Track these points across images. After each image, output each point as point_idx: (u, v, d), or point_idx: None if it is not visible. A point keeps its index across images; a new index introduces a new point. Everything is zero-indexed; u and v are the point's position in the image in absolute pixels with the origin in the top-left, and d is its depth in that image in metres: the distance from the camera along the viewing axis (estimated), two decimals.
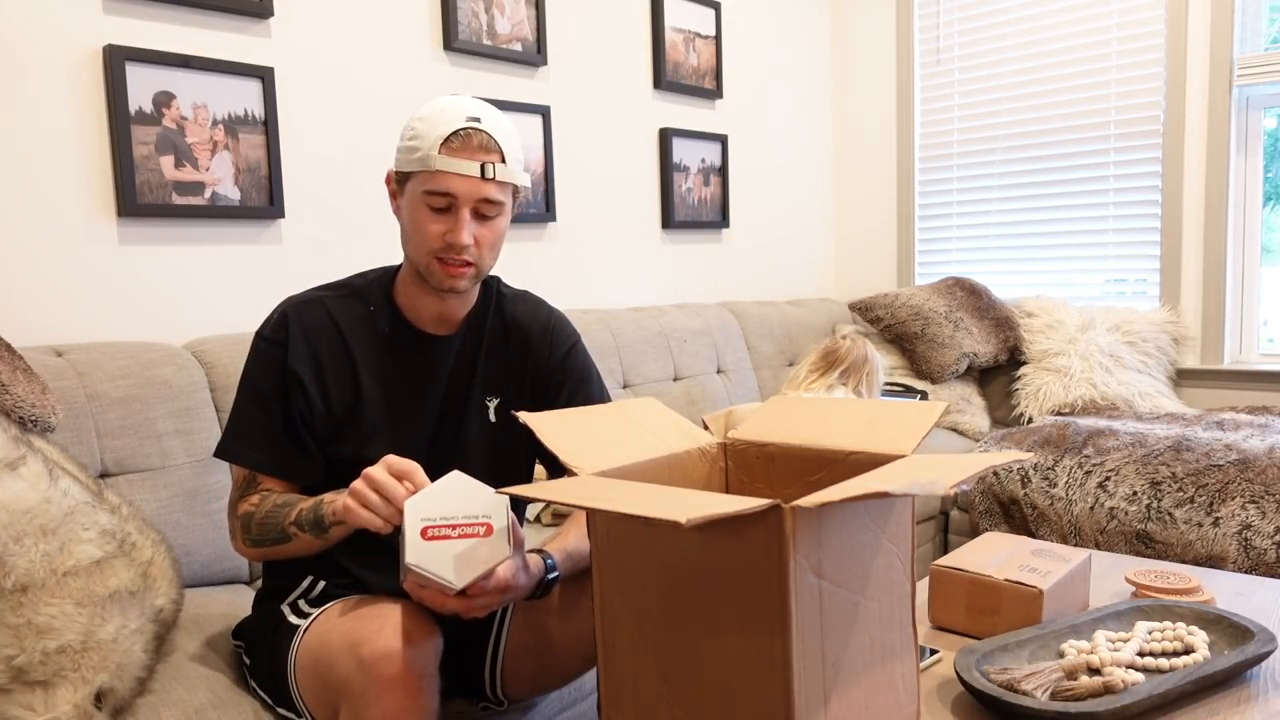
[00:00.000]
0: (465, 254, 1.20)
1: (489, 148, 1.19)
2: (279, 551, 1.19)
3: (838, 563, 0.84)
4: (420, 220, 1.20)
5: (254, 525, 1.20)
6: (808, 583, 0.80)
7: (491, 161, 1.19)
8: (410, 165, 1.19)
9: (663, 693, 0.88)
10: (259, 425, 1.24)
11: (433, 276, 1.22)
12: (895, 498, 0.92)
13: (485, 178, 1.18)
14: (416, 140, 1.18)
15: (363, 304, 1.29)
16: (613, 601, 0.92)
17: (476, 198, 1.19)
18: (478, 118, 1.19)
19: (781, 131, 3.52)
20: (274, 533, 1.18)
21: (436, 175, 1.17)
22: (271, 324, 1.27)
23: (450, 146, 1.17)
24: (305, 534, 1.15)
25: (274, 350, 1.24)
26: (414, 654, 1.02)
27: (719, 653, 0.83)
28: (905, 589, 0.94)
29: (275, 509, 1.19)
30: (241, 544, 1.23)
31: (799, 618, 0.79)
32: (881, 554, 0.91)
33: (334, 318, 1.27)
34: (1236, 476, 2.15)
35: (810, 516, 0.80)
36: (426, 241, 1.20)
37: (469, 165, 1.17)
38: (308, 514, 1.15)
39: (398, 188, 1.24)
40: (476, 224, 1.21)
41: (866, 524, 0.88)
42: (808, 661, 0.80)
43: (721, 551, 0.81)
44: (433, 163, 1.16)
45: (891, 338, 3.19)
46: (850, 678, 0.86)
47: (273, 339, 1.25)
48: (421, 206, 1.20)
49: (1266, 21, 2.87)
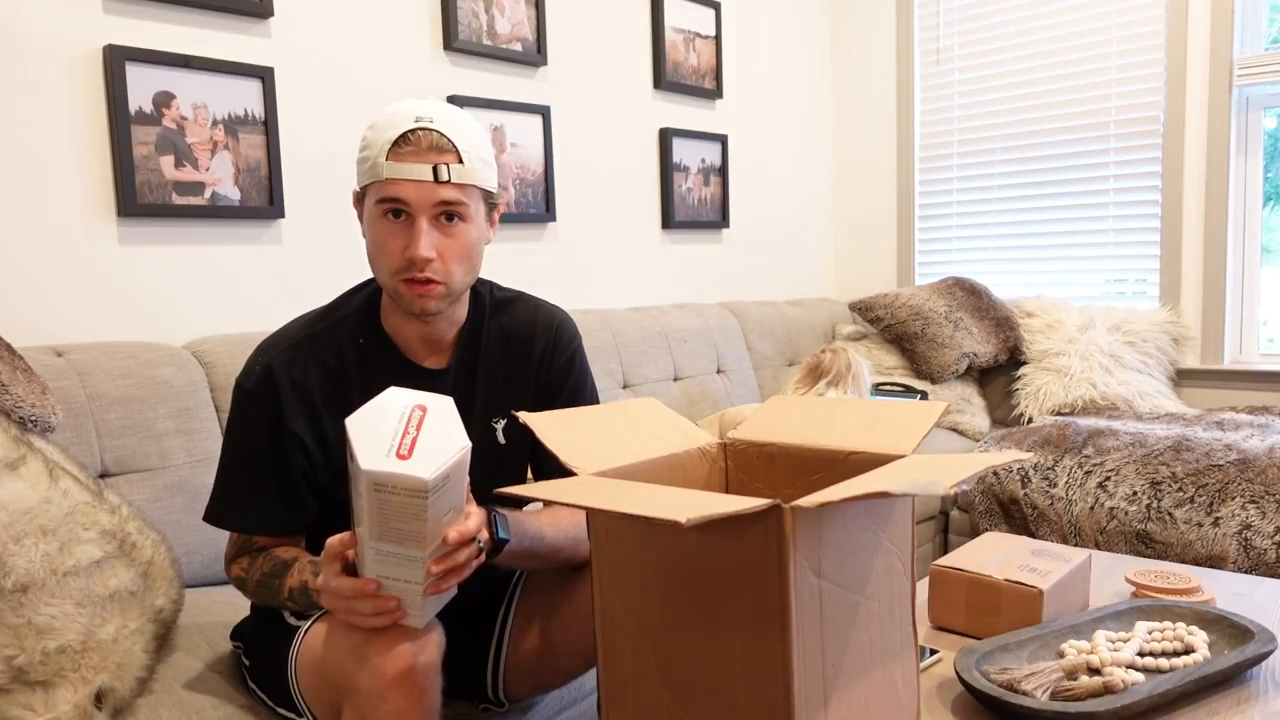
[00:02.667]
0: (429, 270, 1.09)
1: (442, 148, 1.08)
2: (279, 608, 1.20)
3: (838, 563, 0.84)
4: (380, 237, 1.11)
5: (250, 590, 1.19)
6: (808, 583, 0.80)
7: (445, 163, 1.08)
8: (364, 177, 1.11)
9: (663, 693, 0.88)
10: (248, 487, 1.17)
11: (401, 299, 1.13)
12: (895, 498, 0.92)
13: (439, 180, 1.07)
14: (367, 150, 1.10)
15: (350, 337, 1.20)
16: (613, 601, 0.92)
17: (431, 203, 1.08)
18: (429, 117, 1.09)
19: (781, 131, 3.52)
20: (271, 601, 1.17)
21: (387, 183, 1.08)
22: (256, 378, 1.16)
23: (398, 151, 1.07)
24: (299, 604, 1.15)
25: (261, 409, 1.15)
26: (418, 652, 1.02)
27: (719, 653, 0.83)
28: (905, 589, 0.94)
29: (265, 578, 1.16)
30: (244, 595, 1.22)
31: (799, 618, 0.79)
32: (881, 554, 0.91)
33: (322, 363, 1.18)
34: (1236, 476, 2.15)
35: (810, 516, 0.80)
36: (389, 260, 1.10)
37: (419, 169, 1.07)
38: (298, 593, 1.13)
39: (361, 205, 1.15)
40: (437, 234, 1.10)
41: (866, 524, 0.88)
42: (808, 661, 0.80)
43: (721, 551, 0.81)
44: (381, 170, 1.07)
45: (891, 338, 3.19)
46: (850, 678, 0.86)
47: (259, 395, 1.16)
48: (378, 221, 1.10)
49: (1266, 21, 2.87)
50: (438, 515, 0.95)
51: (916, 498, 2.38)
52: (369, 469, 0.90)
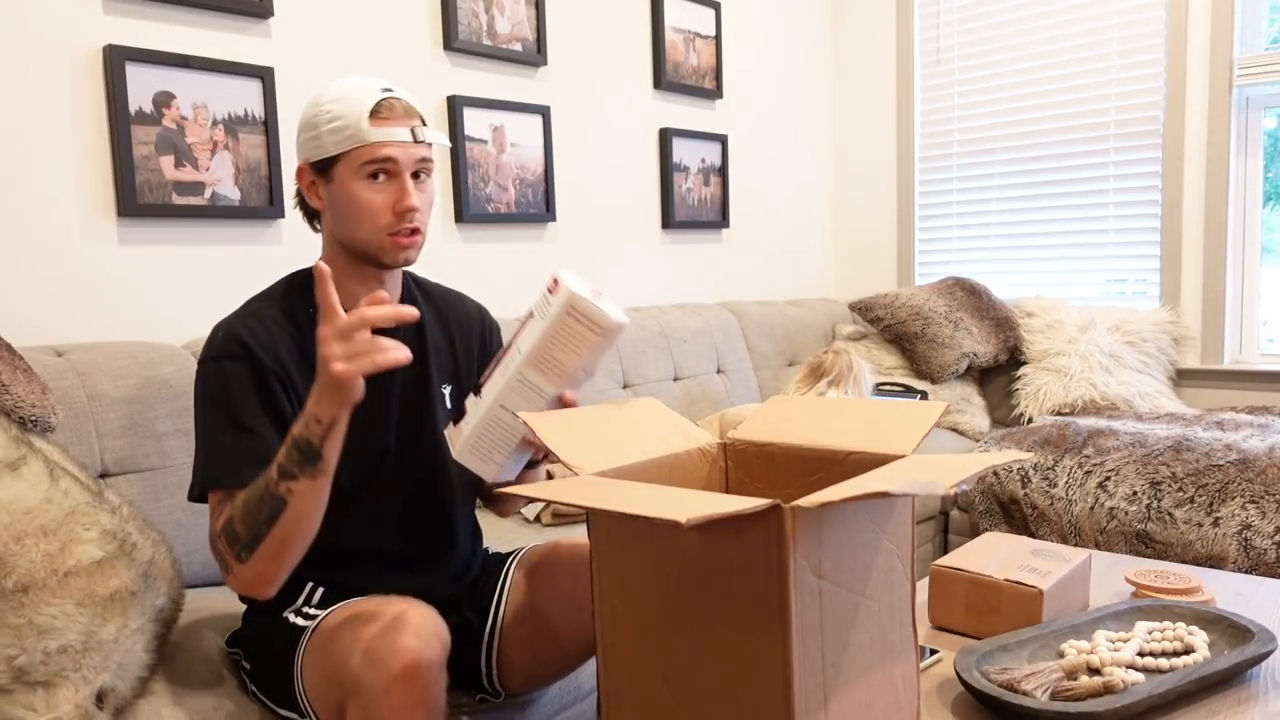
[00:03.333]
0: (415, 220, 1.20)
1: (411, 112, 1.20)
2: (280, 536, 1.05)
3: (837, 563, 0.84)
4: (365, 197, 1.18)
5: (237, 524, 1.07)
6: (808, 583, 0.80)
7: (416, 125, 1.20)
8: (339, 145, 1.17)
9: (663, 693, 0.88)
10: (245, 442, 1.13)
11: (385, 253, 1.20)
12: (895, 498, 0.92)
13: (417, 140, 1.19)
14: (339, 120, 1.16)
15: (301, 305, 1.24)
16: (613, 601, 0.92)
17: (414, 160, 1.19)
18: (390, 88, 1.20)
19: (781, 131, 3.52)
20: (264, 511, 1.05)
21: (373, 146, 1.16)
22: (219, 342, 1.17)
23: (379, 116, 1.17)
24: (298, 478, 1.04)
25: (239, 367, 1.15)
26: (422, 649, 1.03)
27: (719, 653, 0.83)
28: (905, 589, 0.94)
29: (250, 492, 1.07)
30: (236, 564, 1.08)
31: (799, 618, 0.79)
32: (881, 554, 0.91)
33: (281, 326, 1.21)
34: (1236, 476, 2.15)
35: (810, 516, 0.80)
36: (374, 218, 1.18)
37: (400, 131, 1.17)
38: (287, 456, 1.04)
39: (319, 176, 1.21)
40: (415, 188, 1.21)
41: (866, 524, 0.88)
42: (808, 661, 0.80)
43: (721, 551, 0.82)
44: (366, 135, 1.16)
45: (891, 338, 3.19)
46: (850, 678, 0.86)
47: (232, 354, 1.16)
48: (360, 183, 1.18)
49: (1266, 21, 2.87)
50: (590, 362, 1.09)
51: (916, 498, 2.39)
52: (577, 292, 1.05)
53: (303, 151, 1.21)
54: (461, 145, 2.38)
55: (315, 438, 1.04)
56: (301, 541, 1.09)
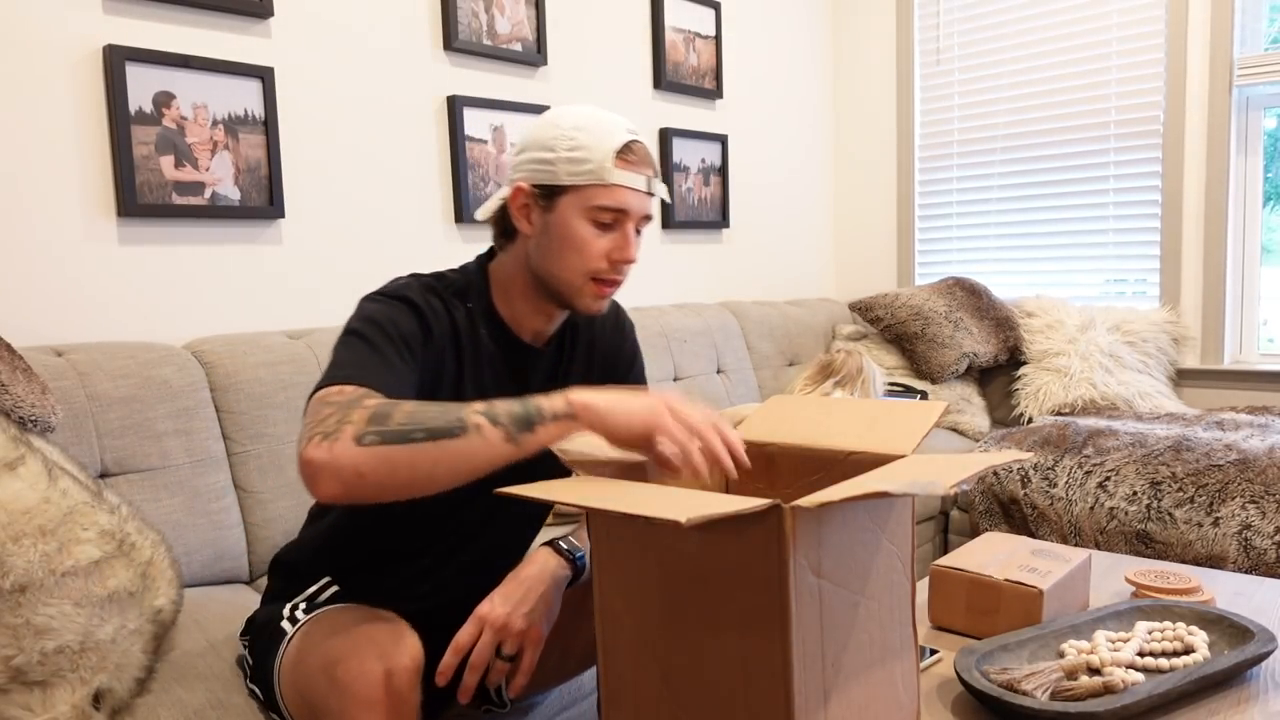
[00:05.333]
0: (625, 272, 1.16)
1: (650, 160, 1.16)
2: (424, 456, 0.90)
3: (837, 562, 0.84)
4: (582, 236, 1.13)
5: (398, 415, 0.92)
6: (808, 583, 0.80)
7: (651, 175, 1.16)
8: (576, 178, 1.12)
9: (663, 693, 0.88)
10: (389, 366, 1.04)
11: (581, 297, 1.16)
12: (895, 498, 0.92)
13: (649, 192, 1.15)
14: (583, 151, 1.11)
15: (459, 301, 1.19)
16: (613, 601, 0.92)
17: (644, 212, 1.15)
18: (635, 130, 1.15)
19: (781, 131, 3.52)
20: (436, 423, 0.91)
21: (611, 189, 1.11)
22: (395, 288, 1.13)
23: (624, 159, 1.12)
24: (492, 428, 0.92)
25: (408, 311, 1.11)
26: (390, 674, 1.00)
27: (719, 653, 0.83)
28: (905, 589, 0.94)
29: (434, 403, 0.95)
30: (350, 441, 0.89)
31: (799, 617, 0.79)
32: (882, 554, 0.91)
33: (451, 315, 1.16)
34: (1236, 476, 2.15)
35: (810, 517, 0.80)
36: (587, 260, 1.13)
37: (639, 179, 1.13)
38: (508, 406, 0.94)
39: (543, 202, 1.14)
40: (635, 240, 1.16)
41: (866, 524, 0.88)
42: (808, 661, 0.80)
43: (721, 551, 0.81)
44: (608, 175, 1.11)
45: (891, 338, 3.19)
46: (850, 677, 0.86)
47: (405, 299, 1.11)
48: (584, 222, 1.13)
49: (1266, 21, 2.87)
50: None
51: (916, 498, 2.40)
52: None
53: (525, 171, 1.15)
54: (461, 145, 2.38)
55: (545, 419, 0.93)
56: (428, 482, 0.92)
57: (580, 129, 1.12)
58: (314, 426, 0.92)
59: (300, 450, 0.91)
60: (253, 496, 1.71)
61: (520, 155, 1.17)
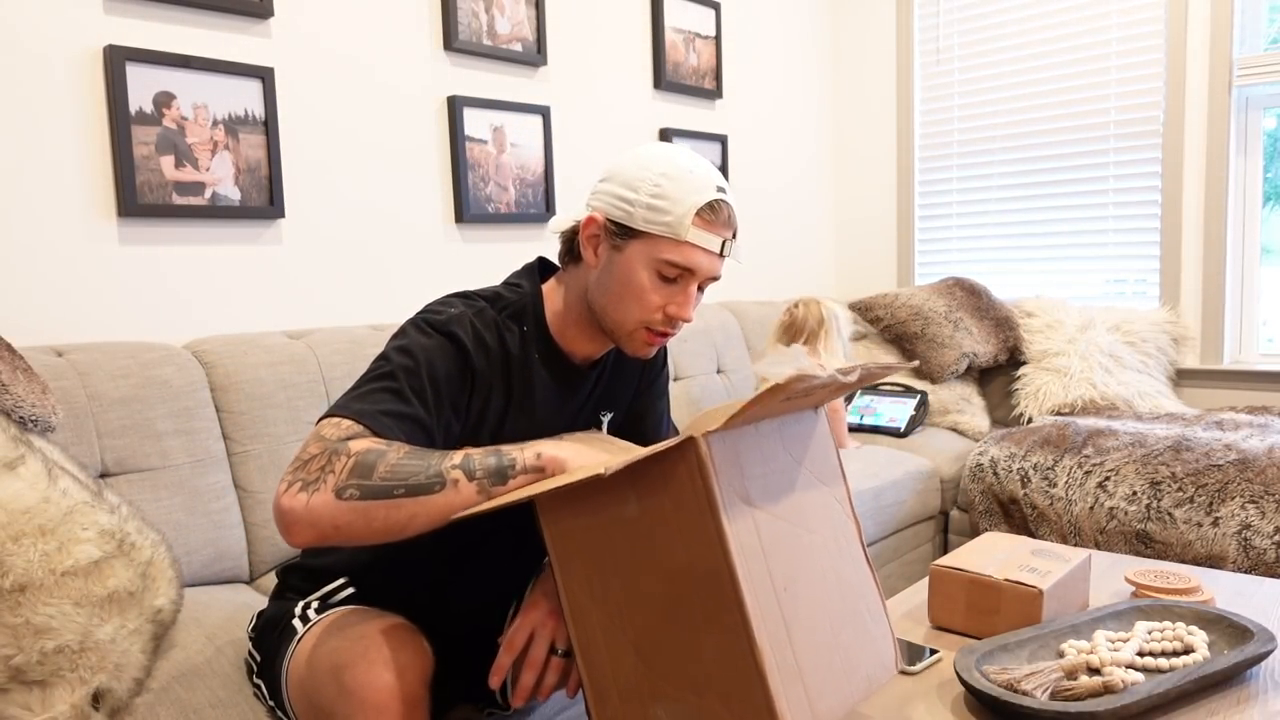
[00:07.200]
0: (679, 328, 1.15)
1: (730, 223, 1.12)
2: (399, 511, 0.95)
3: (765, 493, 0.91)
4: (643, 286, 1.11)
5: (381, 467, 0.95)
6: (739, 510, 0.86)
7: (729, 238, 1.12)
8: (650, 226, 1.09)
9: (638, 667, 0.91)
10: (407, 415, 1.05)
11: (631, 343, 1.16)
12: (804, 420, 1.01)
13: (721, 254, 1.12)
14: (665, 202, 1.09)
15: (515, 322, 1.18)
16: (578, 597, 0.95)
17: (711, 274, 1.13)
18: (723, 187, 1.12)
19: (781, 132, 3.52)
20: (416, 479, 0.95)
21: (683, 246, 1.09)
22: (451, 319, 1.12)
23: (704, 219, 1.09)
24: (468, 483, 0.96)
25: (452, 347, 1.11)
26: (398, 680, 0.99)
27: (678, 604, 0.87)
28: (849, 527, 1.02)
29: (417, 452, 0.98)
30: (328, 493, 0.94)
31: (737, 539, 0.85)
32: (814, 491, 0.98)
33: (503, 341, 1.16)
34: (1236, 476, 2.15)
35: (726, 444, 0.87)
36: (643, 310, 1.13)
37: (714, 241, 1.10)
38: (481, 459, 0.97)
39: (615, 240, 1.13)
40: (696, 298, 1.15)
41: (780, 450, 0.95)
42: (756, 585, 0.85)
43: (658, 504, 0.87)
44: (684, 233, 1.08)
45: (891, 338, 3.19)
46: (810, 605, 0.91)
47: (451, 334, 1.11)
48: (649, 272, 1.11)
49: (1266, 22, 2.87)
50: None
51: (850, 449, 2.59)
52: None
53: (603, 202, 1.14)
54: (461, 145, 2.38)
55: (516, 473, 0.98)
56: (400, 532, 0.97)
57: (667, 177, 1.09)
58: (297, 471, 0.97)
59: (278, 496, 0.96)
60: (253, 496, 1.71)
61: (603, 183, 1.15)
